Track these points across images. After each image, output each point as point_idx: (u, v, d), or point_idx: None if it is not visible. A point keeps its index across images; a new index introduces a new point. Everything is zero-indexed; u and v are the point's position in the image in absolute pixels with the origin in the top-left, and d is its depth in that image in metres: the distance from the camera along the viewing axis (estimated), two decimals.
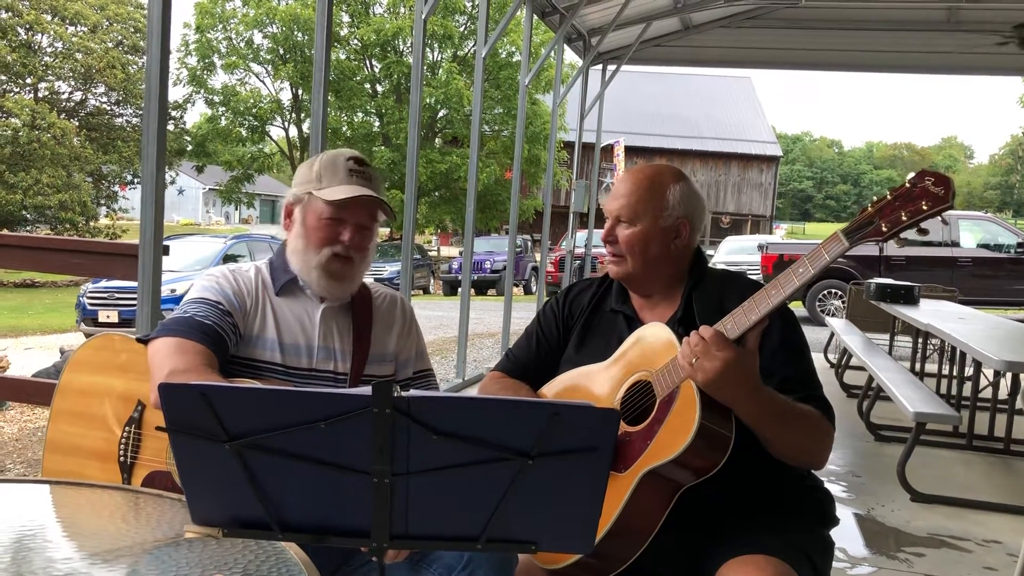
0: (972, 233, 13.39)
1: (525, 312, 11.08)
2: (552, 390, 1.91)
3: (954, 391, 6.12)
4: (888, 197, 1.48)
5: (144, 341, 1.78)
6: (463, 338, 6.90)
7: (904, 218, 1.46)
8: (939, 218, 1.46)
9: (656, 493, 1.62)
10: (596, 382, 1.81)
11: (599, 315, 1.94)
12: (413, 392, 1.09)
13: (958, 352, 5.77)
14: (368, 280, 2.04)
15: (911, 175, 1.48)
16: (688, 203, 1.83)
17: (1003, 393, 5.47)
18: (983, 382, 5.70)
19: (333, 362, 1.88)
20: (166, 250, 3.20)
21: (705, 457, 1.58)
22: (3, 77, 24.52)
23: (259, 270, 1.92)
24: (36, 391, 3.51)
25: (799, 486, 1.81)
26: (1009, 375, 4.88)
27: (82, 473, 1.87)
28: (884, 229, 1.47)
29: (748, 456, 1.63)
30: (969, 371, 5.91)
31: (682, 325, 1.78)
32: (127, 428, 1.86)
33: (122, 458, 1.85)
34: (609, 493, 1.62)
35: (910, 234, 1.49)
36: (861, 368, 5.87)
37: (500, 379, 2.00)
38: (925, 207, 1.44)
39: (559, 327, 1.98)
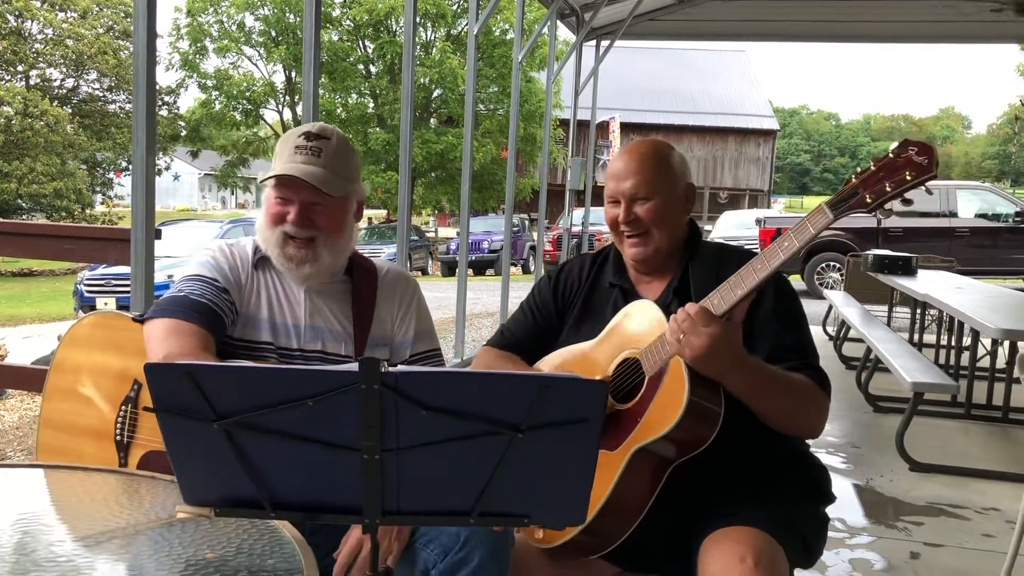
0: (970, 203, 13.28)
1: (523, 291, 11.01)
2: (543, 369, 1.90)
3: (952, 361, 6.12)
4: (872, 168, 1.48)
5: (141, 320, 1.78)
6: (461, 318, 6.89)
7: (888, 189, 1.46)
8: (924, 188, 1.46)
9: (647, 470, 1.62)
10: (586, 361, 1.80)
11: (597, 291, 1.92)
12: (400, 368, 1.08)
13: (956, 322, 5.77)
14: (378, 259, 2.01)
15: (894, 145, 1.48)
16: (686, 168, 1.85)
17: (1001, 362, 5.47)
18: (981, 351, 5.70)
19: (321, 342, 1.84)
20: (158, 234, 3.19)
21: (695, 433, 1.58)
22: None
23: (256, 245, 1.90)
24: (35, 378, 3.51)
25: (795, 462, 1.80)
26: (1007, 343, 4.88)
27: (77, 450, 1.86)
28: (868, 200, 1.48)
29: (739, 431, 1.62)
30: (967, 341, 5.92)
31: (678, 295, 1.78)
32: (123, 407, 1.85)
33: (119, 437, 1.85)
34: (600, 471, 1.62)
35: (895, 205, 1.49)
36: (860, 340, 5.87)
37: (493, 353, 1.98)
38: (908, 177, 1.44)
39: (556, 303, 1.96)
